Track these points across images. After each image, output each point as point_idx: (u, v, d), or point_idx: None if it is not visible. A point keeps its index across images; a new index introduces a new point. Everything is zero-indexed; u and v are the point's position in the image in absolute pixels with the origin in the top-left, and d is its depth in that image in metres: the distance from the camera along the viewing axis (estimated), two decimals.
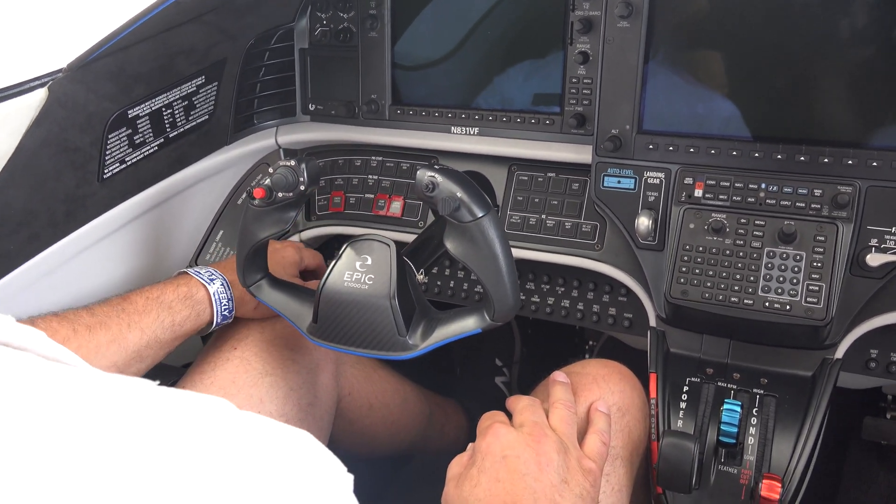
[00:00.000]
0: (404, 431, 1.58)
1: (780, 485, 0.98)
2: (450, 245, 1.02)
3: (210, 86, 1.33)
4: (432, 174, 0.99)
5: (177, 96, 1.27)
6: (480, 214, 0.98)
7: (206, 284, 1.17)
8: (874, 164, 1.07)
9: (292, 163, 1.09)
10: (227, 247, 1.47)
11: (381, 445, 1.52)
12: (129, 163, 1.22)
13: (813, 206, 1.10)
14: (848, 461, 1.75)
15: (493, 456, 0.90)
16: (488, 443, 0.92)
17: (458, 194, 0.98)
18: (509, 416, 1.00)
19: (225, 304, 1.18)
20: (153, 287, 1.15)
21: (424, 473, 1.73)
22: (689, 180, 1.17)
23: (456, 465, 0.94)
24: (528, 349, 1.94)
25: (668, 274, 1.15)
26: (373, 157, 1.45)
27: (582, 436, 0.99)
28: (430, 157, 1.40)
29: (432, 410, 1.66)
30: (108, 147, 1.17)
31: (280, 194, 1.10)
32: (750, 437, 1.08)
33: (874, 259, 1.07)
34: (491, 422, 0.96)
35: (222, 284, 1.19)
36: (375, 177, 1.45)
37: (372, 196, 1.44)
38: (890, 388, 1.56)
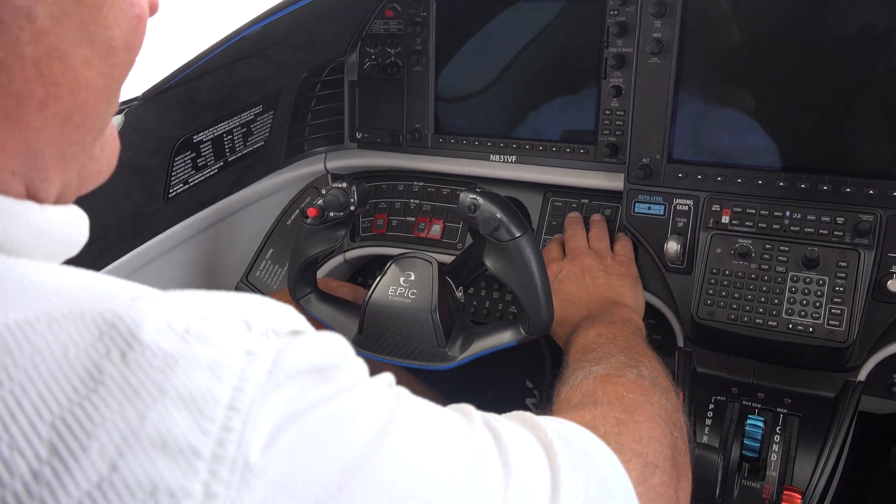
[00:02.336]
0: None
1: (800, 497, 1.02)
2: (489, 262, 1.09)
3: (266, 114, 1.43)
4: (474, 196, 1.07)
5: (237, 123, 1.37)
6: (518, 234, 1.06)
7: None
8: (895, 194, 1.12)
9: (343, 185, 1.18)
10: (276, 264, 1.56)
11: None
12: (191, 183, 1.32)
13: (836, 233, 1.15)
14: (874, 490, 1.76)
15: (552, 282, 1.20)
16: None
17: (498, 215, 1.05)
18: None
19: None
20: None
21: None
22: (716, 207, 1.23)
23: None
24: (558, 371, 1.98)
25: (695, 296, 1.20)
26: (415, 183, 1.54)
27: None
28: (469, 184, 1.48)
29: None
30: (173, 169, 1.28)
31: (331, 213, 1.18)
32: (773, 454, 1.12)
33: (895, 285, 1.12)
34: (548, 260, 1.28)
35: None
36: (417, 201, 1.53)
37: (413, 219, 1.52)
38: None
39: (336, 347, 0.47)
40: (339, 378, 0.45)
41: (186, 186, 1.32)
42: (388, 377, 0.51)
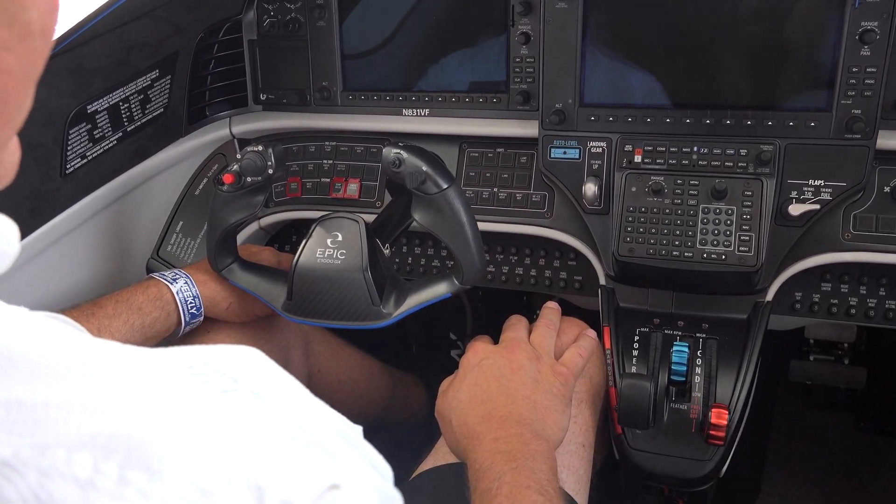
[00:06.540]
0: (371, 404, 1.64)
1: (727, 412, 1.09)
2: (418, 216, 1.09)
3: (164, 79, 1.35)
4: (398, 151, 1.06)
5: (133, 90, 1.29)
6: (445, 186, 1.06)
7: (169, 284, 1.18)
8: (790, 123, 1.19)
9: (259, 147, 1.14)
10: (187, 237, 1.49)
11: (349, 418, 1.58)
12: (89, 157, 1.24)
13: (740, 164, 1.22)
14: (778, 401, 1.91)
15: (471, 365, 1.03)
16: (468, 357, 1.05)
17: (424, 168, 1.05)
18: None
19: (191, 302, 1.20)
20: (123, 291, 1.17)
21: (391, 444, 1.79)
22: (628, 147, 1.27)
23: (445, 382, 1.06)
24: (479, 321, 2.02)
25: (615, 235, 1.25)
26: (326, 143, 1.50)
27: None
28: (383, 140, 1.46)
29: (395, 384, 1.73)
30: (69, 142, 1.19)
31: (249, 179, 1.14)
32: (696, 377, 1.19)
33: (795, 209, 1.20)
34: (474, 341, 1.08)
35: (186, 283, 1.20)
36: (331, 161, 1.49)
37: (328, 180, 1.49)
38: (812, 331, 1.72)
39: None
40: None
41: (85, 161, 1.23)
42: None
